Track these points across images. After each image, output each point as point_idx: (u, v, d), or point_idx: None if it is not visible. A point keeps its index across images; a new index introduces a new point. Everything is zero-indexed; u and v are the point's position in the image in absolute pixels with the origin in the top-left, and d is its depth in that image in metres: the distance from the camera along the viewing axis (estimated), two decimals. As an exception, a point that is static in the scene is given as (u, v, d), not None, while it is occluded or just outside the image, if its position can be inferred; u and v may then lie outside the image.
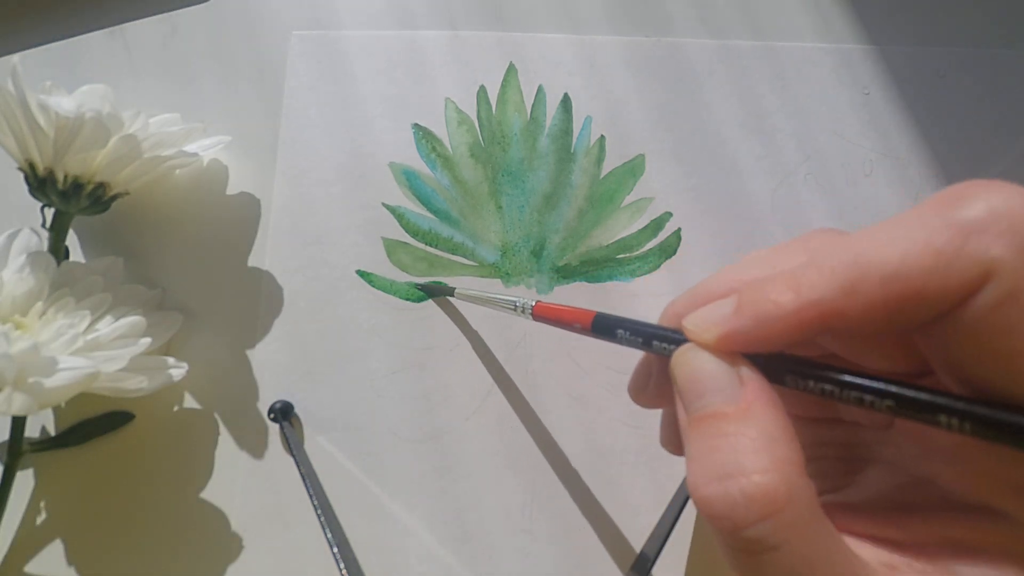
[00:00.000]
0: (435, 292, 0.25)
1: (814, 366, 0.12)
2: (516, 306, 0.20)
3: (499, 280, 0.25)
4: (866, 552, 0.12)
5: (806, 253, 0.14)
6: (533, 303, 0.19)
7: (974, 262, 0.10)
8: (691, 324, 0.13)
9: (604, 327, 0.16)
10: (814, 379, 0.12)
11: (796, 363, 0.13)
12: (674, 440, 0.18)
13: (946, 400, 0.11)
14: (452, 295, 0.24)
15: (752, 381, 0.12)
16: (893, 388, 0.11)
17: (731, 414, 0.12)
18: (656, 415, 0.24)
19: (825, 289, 0.11)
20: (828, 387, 0.12)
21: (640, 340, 0.15)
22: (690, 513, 0.23)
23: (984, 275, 0.10)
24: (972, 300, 0.11)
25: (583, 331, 0.17)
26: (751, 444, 0.11)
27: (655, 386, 0.16)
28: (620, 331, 0.15)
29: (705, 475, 0.12)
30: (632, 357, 0.24)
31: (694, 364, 0.13)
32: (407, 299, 0.25)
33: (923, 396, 0.11)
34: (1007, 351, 0.11)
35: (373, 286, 0.25)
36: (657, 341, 0.14)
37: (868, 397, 0.12)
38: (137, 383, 0.21)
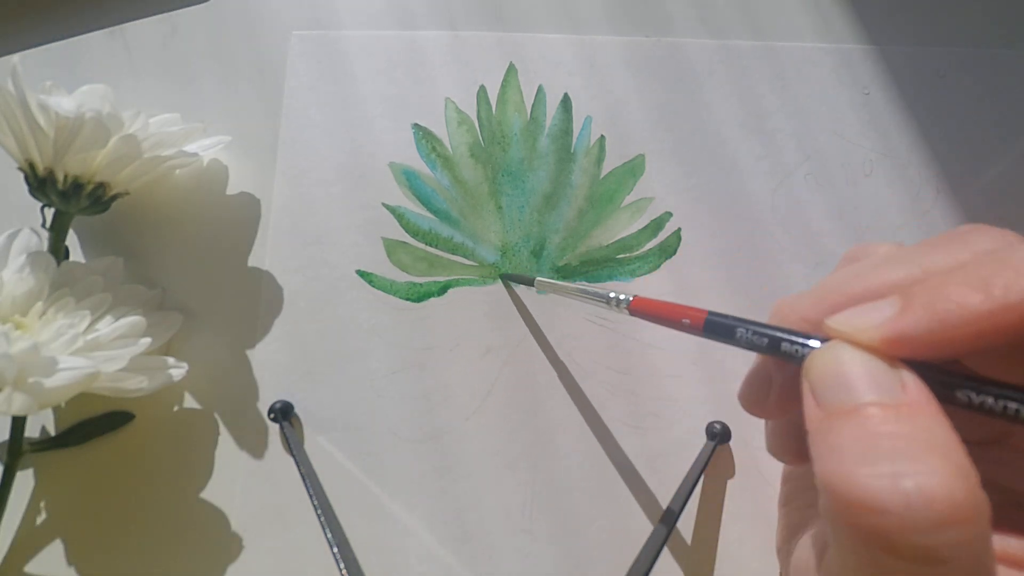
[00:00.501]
0: (515, 280, 0.25)
1: (986, 381, 0.11)
2: (610, 300, 0.18)
3: (499, 280, 0.25)
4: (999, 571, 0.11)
5: (968, 251, 0.12)
6: (631, 297, 0.17)
7: None
8: (841, 325, 0.12)
9: (719, 327, 0.14)
10: (994, 396, 0.10)
11: (958, 376, 0.11)
12: (787, 447, 0.16)
13: None
14: (531, 284, 0.23)
15: (915, 385, 0.11)
16: None
17: (891, 413, 0.10)
18: (652, 418, 0.24)
19: None
20: (1014, 406, 0.10)
21: (766, 342, 0.13)
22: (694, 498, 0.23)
23: None
24: None
25: (690, 329, 0.15)
26: (923, 446, 0.10)
27: (779, 393, 0.15)
28: (741, 331, 0.14)
29: (863, 466, 0.10)
30: (631, 358, 0.24)
31: (841, 358, 0.11)
32: (407, 299, 0.25)
33: None
34: None
35: (373, 286, 0.25)
36: (788, 343, 0.13)
37: None
38: (137, 383, 0.21)
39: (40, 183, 0.23)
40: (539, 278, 0.23)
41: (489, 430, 0.24)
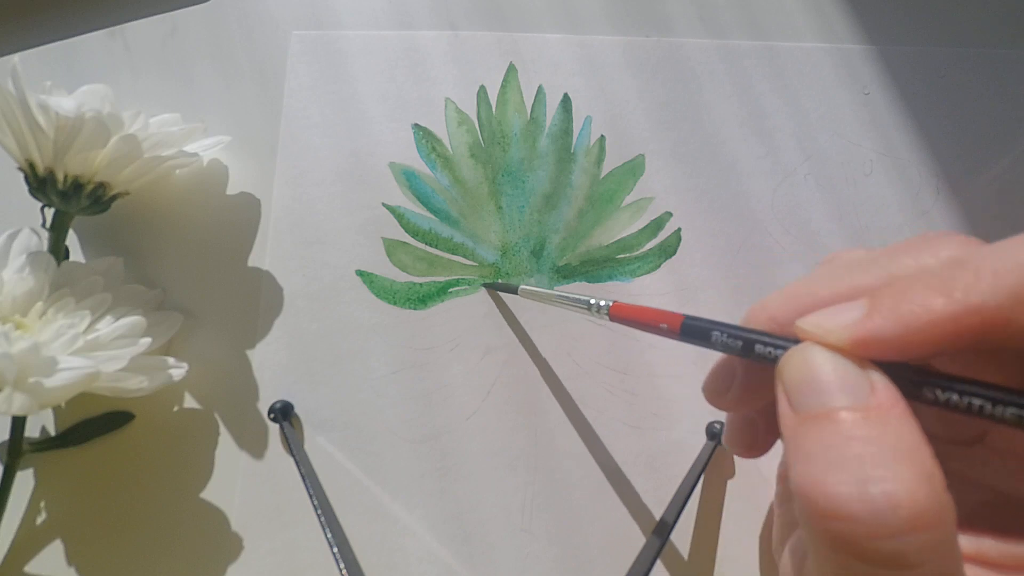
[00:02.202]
0: (498, 288, 0.25)
1: (954, 379, 0.11)
2: (591, 305, 0.18)
3: (497, 282, 0.25)
4: (971, 572, 0.11)
5: (933, 256, 0.12)
6: (610, 302, 0.18)
7: None
8: (812, 327, 0.12)
9: (695, 331, 0.15)
10: (959, 392, 0.11)
11: (925, 374, 0.11)
12: (745, 441, 0.17)
13: None
14: (516, 292, 0.23)
15: (884, 386, 0.11)
16: None
17: (860, 417, 0.11)
18: (652, 418, 0.24)
19: (987, 295, 0.10)
20: (978, 402, 0.10)
21: (740, 344, 0.13)
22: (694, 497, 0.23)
23: None
24: None
25: (668, 334, 0.15)
26: (890, 451, 0.10)
27: (740, 389, 0.15)
28: (716, 334, 0.14)
29: (832, 473, 0.10)
30: (631, 358, 0.24)
31: (814, 361, 0.11)
32: (406, 305, 0.25)
33: None
34: None
35: (373, 286, 0.25)
36: (761, 346, 0.13)
37: None
38: (137, 383, 0.21)
39: (40, 183, 0.23)
40: (522, 287, 0.23)
41: (489, 430, 0.24)
